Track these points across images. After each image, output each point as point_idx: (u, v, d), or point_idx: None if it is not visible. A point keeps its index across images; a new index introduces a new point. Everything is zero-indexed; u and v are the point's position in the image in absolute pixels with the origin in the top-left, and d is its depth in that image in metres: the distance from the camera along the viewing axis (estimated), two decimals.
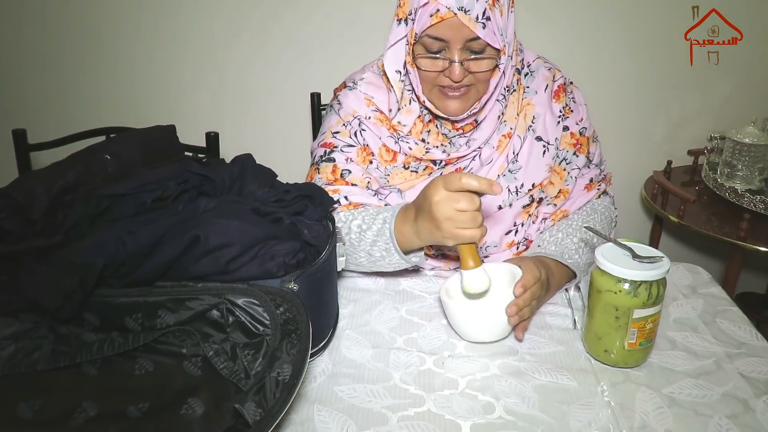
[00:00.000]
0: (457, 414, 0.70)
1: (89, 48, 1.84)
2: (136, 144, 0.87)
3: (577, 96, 1.08)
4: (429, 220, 0.82)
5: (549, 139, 1.03)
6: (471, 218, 0.80)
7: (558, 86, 1.05)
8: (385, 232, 0.89)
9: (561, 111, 1.04)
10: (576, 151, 1.05)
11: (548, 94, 1.04)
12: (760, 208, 1.57)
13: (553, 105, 1.04)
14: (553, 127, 1.04)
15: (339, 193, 0.99)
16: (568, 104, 1.05)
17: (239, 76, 1.87)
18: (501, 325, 0.82)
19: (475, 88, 0.95)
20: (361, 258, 0.94)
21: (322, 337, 0.81)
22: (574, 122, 1.05)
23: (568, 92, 1.06)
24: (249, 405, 0.57)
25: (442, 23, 0.87)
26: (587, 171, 1.07)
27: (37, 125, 1.56)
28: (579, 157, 1.05)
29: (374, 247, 0.91)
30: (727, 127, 1.79)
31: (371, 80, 1.05)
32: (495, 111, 1.00)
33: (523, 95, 1.04)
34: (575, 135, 1.05)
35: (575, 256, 0.96)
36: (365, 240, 0.91)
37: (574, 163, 1.05)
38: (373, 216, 0.93)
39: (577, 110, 1.06)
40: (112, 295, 0.65)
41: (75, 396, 0.59)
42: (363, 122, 1.02)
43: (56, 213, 0.70)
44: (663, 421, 0.70)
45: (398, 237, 0.88)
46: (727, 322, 0.89)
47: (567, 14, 1.80)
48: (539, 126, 1.03)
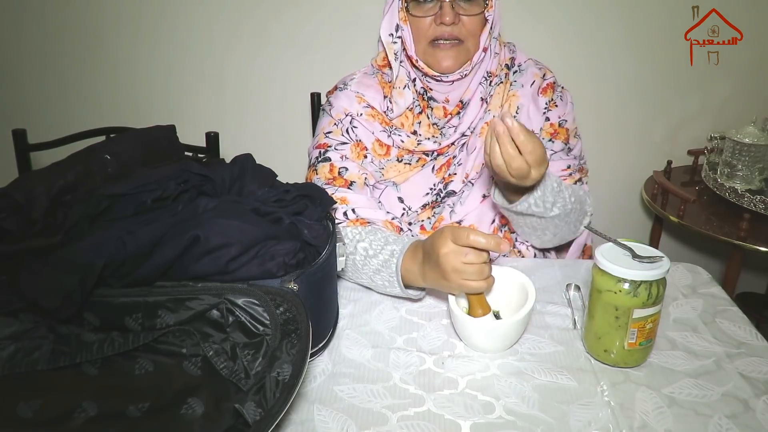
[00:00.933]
0: (457, 414, 0.70)
1: (89, 48, 1.85)
2: (136, 144, 0.87)
3: (565, 96, 1.10)
4: (436, 269, 0.82)
5: (533, 128, 1.06)
6: (478, 271, 0.79)
7: (547, 84, 1.08)
8: (391, 265, 0.89)
9: (546, 104, 1.06)
10: (551, 138, 1.06)
11: (534, 88, 1.07)
12: (760, 208, 1.57)
13: (539, 99, 1.07)
14: (536, 117, 1.06)
15: (347, 205, 0.99)
16: (554, 100, 1.07)
17: (239, 76, 1.87)
18: (512, 339, 0.82)
19: (465, 46, 0.98)
20: (362, 279, 0.94)
21: (322, 337, 0.81)
22: (556, 115, 1.07)
23: (556, 90, 1.08)
24: (249, 405, 0.57)
25: None
26: (565, 157, 1.08)
27: (37, 125, 1.56)
28: (555, 143, 1.06)
29: (378, 275, 0.91)
30: (727, 127, 1.79)
31: (362, 80, 1.08)
32: (478, 94, 1.02)
33: (509, 88, 1.06)
34: (554, 125, 1.07)
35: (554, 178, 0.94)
36: (369, 266, 0.91)
37: (550, 148, 1.06)
38: (381, 244, 0.92)
39: (562, 106, 1.08)
40: (112, 295, 0.65)
41: (75, 396, 0.59)
42: (355, 119, 1.04)
43: (56, 213, 0.70)
44: (663, 421, 0.69)
45: (404, 273, 0.88)
46: (727, 322, 0.89)
47: (567, 14, 1.80)
48: (523, 116, 1.06)
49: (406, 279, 0.88)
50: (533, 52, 1.13)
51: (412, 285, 0.89)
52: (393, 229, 1.01)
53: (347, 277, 0.98)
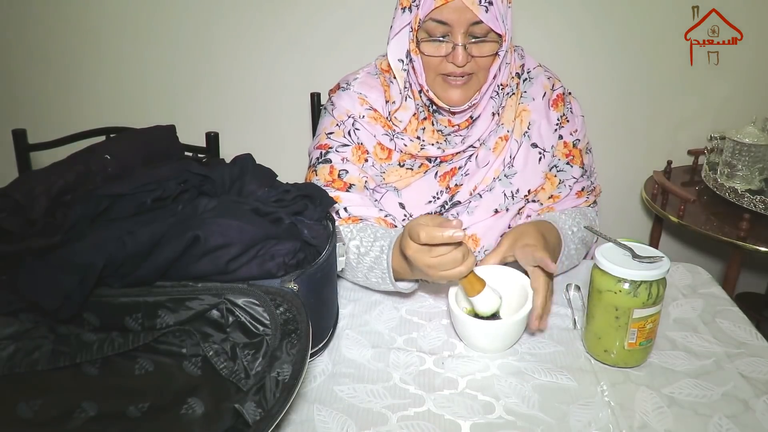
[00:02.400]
0: (457, 414, 0.70)
1: (89, 48, 1.85)
2: (136, 144, 0.87)
3: (575, 107, 1.09)
4: (414, 266, 0.81)
5: (545, 146, 1.05)
6: (451, 260, 0.77)
7: (557, 95, 1.07)
8: (382, 262, 0.89)
9: (558, 119, 1.06)
10: (569, 161, 1.06)
11: (545, 102, 1.06)
12: (760, 208, 1.57)
13: (551, 113, 1.05)
14: (549, 134, 1.05)
15: (340, 203, 0.99)
16: (566, 114, 1.07)
17: (239, 76, 1.87)
18: (512, 339, 0.82)
19: (476, 78, 0.96)
20: (358, 278, 0.95)
21: (322, 337, 0.81)
22: (568, 132, 1.06)
23: (566, 102, 1.07)
24: (249, 405, 0.57)
25: (446, 6, 0.89)
26: (581, 180, 1.08)
27: (37, 125, 1.56)
28: (574, 168, 1.06)
29: (371, 273, 0.91)
30: (727, 127, 1.79)
31: (365, 80, 1.07)
32: (489, 108, 1.01)
33: (520, 100, 1.05)
34: (568, 145, 1.06)
35: (567, 231, 0.97)
36: (363, 264, 0.92)
37: (569, 173, 1.06)
38: (371, 240, 0.92)
39: (573, 121, 1.07)
40: (112, 295, 0.65)
41: (75, 396, 0.59)
42: (357, 121, 1.03)
43: (56, 213, 0.70)
44: (663, 421, 0.70)
45: (395, 268, 0.88)
46: (727, 322, 0.89)
47: (567, 14, 1.80)
48: (534, 133, 1.04)
49: (398, 273, 0.88)
50: (533, 52, 1.12)
51: (405, 278, 0.89)
52: (386, 226, 1.00)
53: (346, 276, 0.98)
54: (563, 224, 0.98)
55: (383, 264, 0.88)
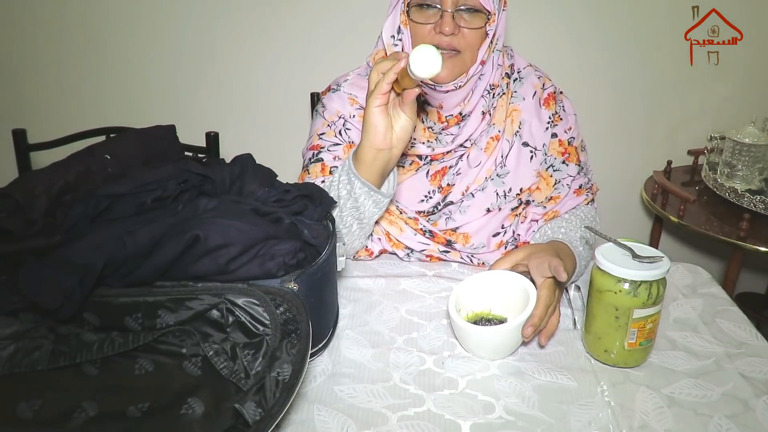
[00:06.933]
0: (457, 414, 0.70)
1: (89, 48, 1.84)
2: (136, 144, 0.87)
3: (567, 105, 1.09)
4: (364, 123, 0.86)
5: (536, 144, 1.05)
6: (387, 64, 0.82)
7: (548, 94, 1.07)
8: (354, 181, 0.91)
9: (550, 118, 1.06)
10: (565, 160, 1.06)
11: (536, 101, 1.06)
12: (760, 208, 1.57)
13: (542, 112, 1.06)
14: (540, 133, 1.05)
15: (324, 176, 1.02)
16: (558, 112, 1.07)
17: (239, 76, 1.88)
18: (514, 346, 0.82)
19: (462, 58, 0.97)
20: (354, 227, 0.96)
21: (322, 337, 0.81)
22: (562, 130, 1.06)
23: (558, 101, 1.08)
24: (249, 405, 0.57)
25: None
26: (579, 178, 1.08)
27: (37, 125, 1.56)
28: (569, 166, 1.06)
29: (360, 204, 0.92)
30: (727, 127, 1.79)
31: (355, 81, 1.08)
32: (479, 107, 1.01)
33: (511, 100, 1.05)
34: (563, 143, 1.06)
35: (579, 248, 0.97)
36: (347, 208, 0.93)
37: (565, 171, 1.06)
38: (337, 178, 0.94)
39: (566, 119, 1.08)
40: (112, 295, 0.65)
41: (75, 396, 0.59)
42: (348, 121, 1.05)
43: (56, 213, 0.70)
44: (663, 421, 0.70)
45: (360, 171, 0.90)
46: (727, 322, 0.89)
47: (567, 14, 1.80)
48: (525, 132, 1.05)
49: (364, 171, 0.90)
50: (532, 52, 1.13)
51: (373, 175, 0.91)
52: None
53: (350, 250, 1.01)
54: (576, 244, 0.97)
55: (354, 182, 0.90)
